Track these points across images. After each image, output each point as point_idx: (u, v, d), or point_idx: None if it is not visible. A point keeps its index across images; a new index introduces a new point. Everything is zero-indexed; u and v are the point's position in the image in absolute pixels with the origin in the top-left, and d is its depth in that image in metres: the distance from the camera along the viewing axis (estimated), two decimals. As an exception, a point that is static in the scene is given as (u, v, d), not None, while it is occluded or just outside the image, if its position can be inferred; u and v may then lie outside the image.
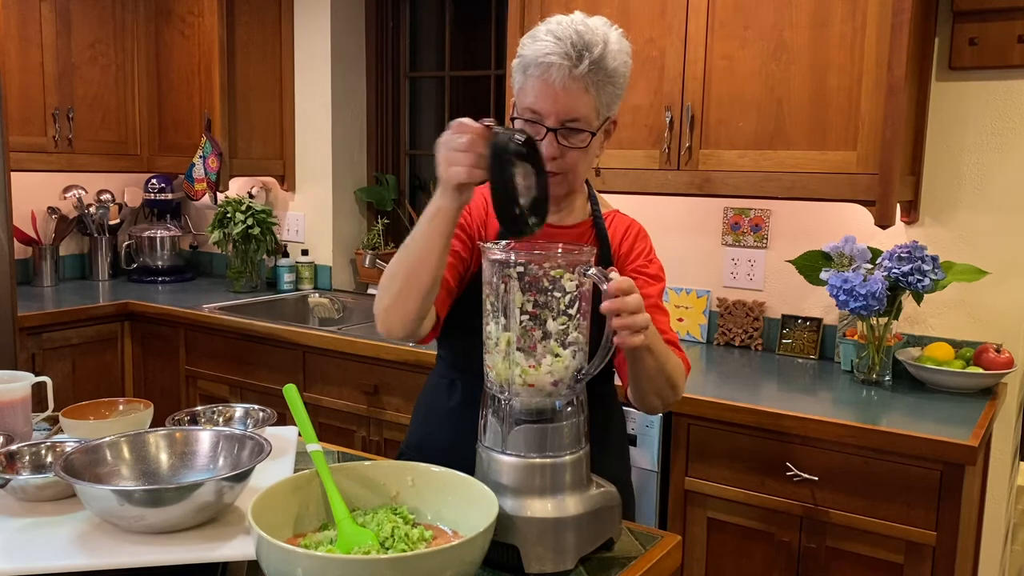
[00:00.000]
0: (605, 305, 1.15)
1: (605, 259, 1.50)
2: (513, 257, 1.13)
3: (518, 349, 1.13)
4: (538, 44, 1.34)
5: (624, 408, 2.14)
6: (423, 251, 1.28)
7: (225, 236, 3.44)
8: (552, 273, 1.12)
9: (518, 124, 1.37)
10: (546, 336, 1.12)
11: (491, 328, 1.16)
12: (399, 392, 2.61)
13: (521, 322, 1.12)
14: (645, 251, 1.54)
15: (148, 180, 3.83)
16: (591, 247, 1.20)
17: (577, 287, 1.14)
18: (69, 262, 3.75)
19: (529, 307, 1.12)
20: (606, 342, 1.15)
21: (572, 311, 1.13)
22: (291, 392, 1.29)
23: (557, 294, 1.12)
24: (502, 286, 1.13)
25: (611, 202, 1.62)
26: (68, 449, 1.27)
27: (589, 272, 1.14)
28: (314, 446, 1.18)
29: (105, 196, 3.75)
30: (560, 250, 1.15)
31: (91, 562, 1.05)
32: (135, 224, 3.89)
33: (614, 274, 1.17)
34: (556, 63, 1.31)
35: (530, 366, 1.12)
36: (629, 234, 1.55)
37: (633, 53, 2.36)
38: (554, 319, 1.12)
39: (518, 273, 1.12)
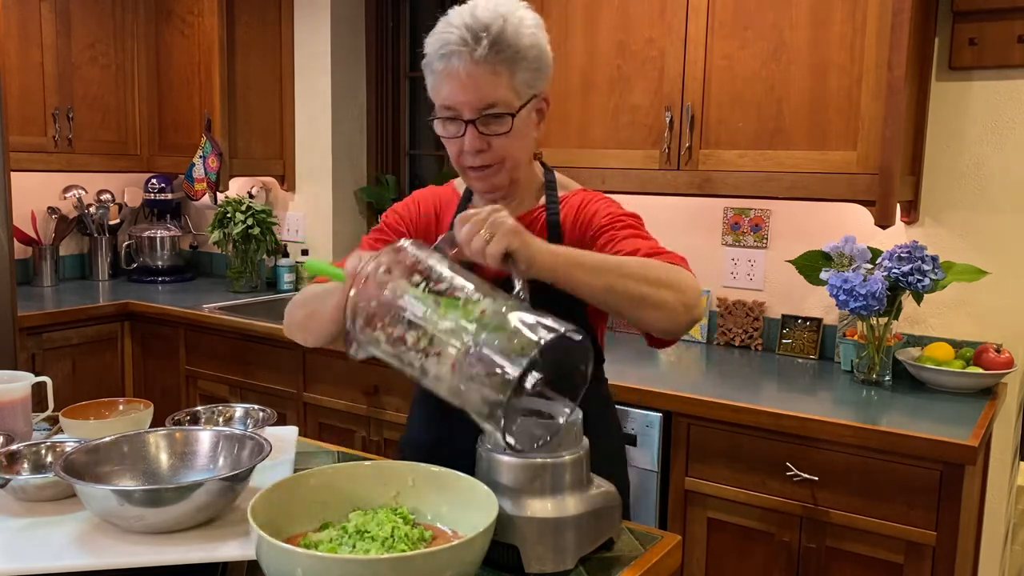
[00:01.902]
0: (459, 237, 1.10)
1: None
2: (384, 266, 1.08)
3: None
4: (434, 38, 1.29)
5: (624, 408, 2.15)
6: (322, 311, 1.31)
7: (225, 236, 3.44)
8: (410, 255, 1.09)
9: (437, 125, 1.33)
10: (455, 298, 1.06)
11: (429, 363, 1.04)
12: (399, 392, 2.61)
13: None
14: (599, 214, 1.40)
15: (148, 180, 3.83)
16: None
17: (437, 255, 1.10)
18: (69, 262, 3.75)
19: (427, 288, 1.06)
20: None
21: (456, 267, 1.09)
22: (313, 265, 1.24)
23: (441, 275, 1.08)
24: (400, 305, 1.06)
25: (577, 184, 1.51)
26: (68, 449, 1.27)
27: (439, 245, 1.11)
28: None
29: (105, 196, 3.75)
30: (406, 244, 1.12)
31: (91, 562, 1.05)
32: (135, 224, 3.89)
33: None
34: (455, 51, 1.26)
35: (464, 303, 1.04)
36: (581, 213, 1.41)
37: (633, 53, 2.39)
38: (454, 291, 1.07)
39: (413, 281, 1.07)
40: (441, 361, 1.01)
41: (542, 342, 0.97)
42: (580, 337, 1.01)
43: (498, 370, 0.97)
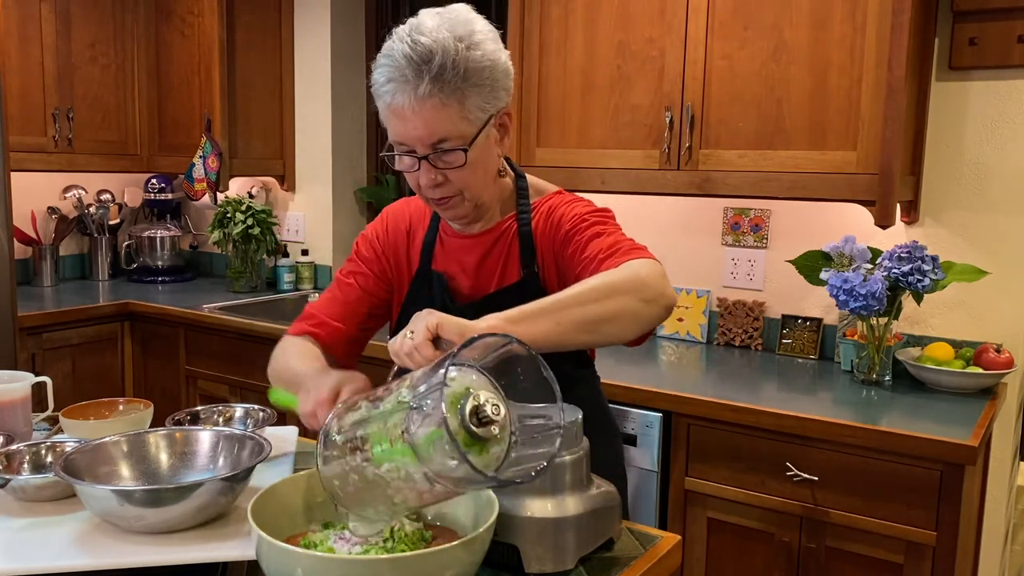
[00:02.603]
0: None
1: (528, 261, 1.38)
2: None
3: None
4: (377, 71, 1.23)
5: (624, 407, 2.15)
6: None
7: (225, 236, 3.45)
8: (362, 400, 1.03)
9: (394, 160, 1.29)
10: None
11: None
12: (399, 392, 2.61)
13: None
14: (564, 219, 1.35)
15: (148, 180, 3.83)
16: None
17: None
18: (69, 262, 3.75)
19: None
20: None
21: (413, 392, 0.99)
22: (276, 395, 1.28)
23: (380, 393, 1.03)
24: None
25: (551, 187, 1.45)
26: (68, 449, 1.27)
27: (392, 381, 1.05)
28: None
29: (105, 196, 3.75)
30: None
31: (91, 562, 1.05)
32: (135, 224, 3.89)
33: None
34: (397, 88, 1.20)
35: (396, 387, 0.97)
36: (550, 219, 1.37)
37: (633, 53, 2.39)
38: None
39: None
40: (398, 443, 0.93)
41: (455, 348, 0.91)
42: (505, 339, 0.95)
43: (429, 400, 0.89)
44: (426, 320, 1.03)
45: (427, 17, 1.22)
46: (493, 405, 0.92)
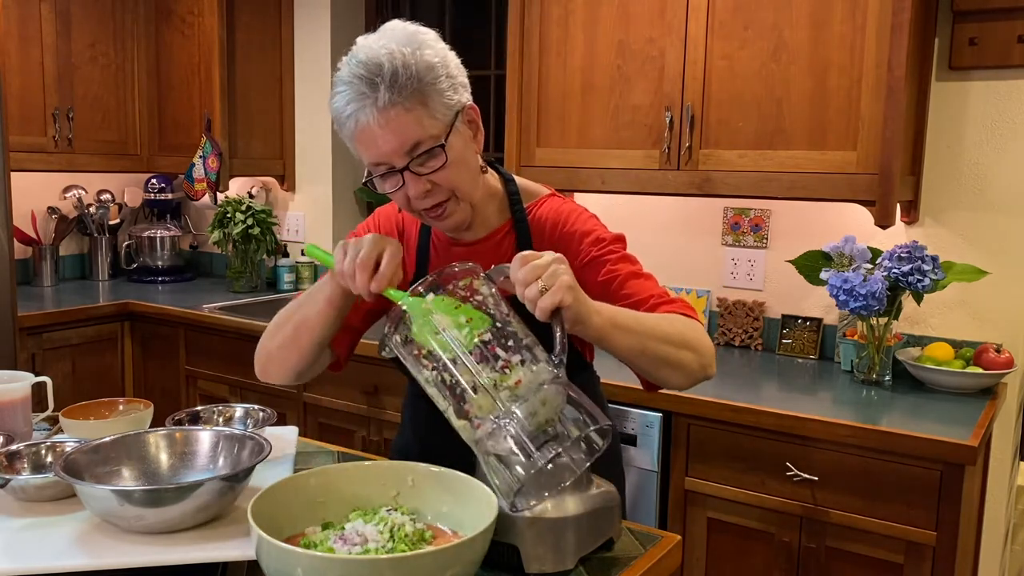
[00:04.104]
0: (517, 278, 1.05)
1: None
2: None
3: (479, 362, 1.02)
4: (335, 101, 1.22)
5: (624, 408, 2.15)
6: (311, 315, 1.28)
7: (225, 236, 3.45)
8: (462, 283, 1.07)
9: (376, 184, 1.27)
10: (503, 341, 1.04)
11: (442, 388, 1.04)
12: (399, 392, 2.60)
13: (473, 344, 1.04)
14: (586, 240, 1.34)
15: (148, 180, 3.83)
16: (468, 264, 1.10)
17: (490, 289, 1.08)
18: (69, 262, 3.75)
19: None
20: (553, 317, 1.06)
21: (503, 309, 1.07)
22: (312, 249, 1.25)
23: (480, 296, 1.07)
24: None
25: (543, 189, 1.44)
26: (68, 449, 1.27)
27: (484, 275, 1.08)
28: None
29: (105, 196, 3.75)
30: (455, 267, 1.09)
31: (91, 562, 1.05)
32: (135, 224, 3.89)
33: (511, 264, 1.08)
34: (358, 108, 1.19)
35: (502, 367, 1.02)
36: (557, 231, 1.36)
37: (633, 53, 2.39)
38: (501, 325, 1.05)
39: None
40: (466, 411, 1.02)
41: (562, 446, 0.99)
42: (607, 433, 1.02)
43: (516, 457, 0.99)
44: (563, 294, 1.03)
45: (366, 39, 1.23)
46: (560, 440, 1.00)
